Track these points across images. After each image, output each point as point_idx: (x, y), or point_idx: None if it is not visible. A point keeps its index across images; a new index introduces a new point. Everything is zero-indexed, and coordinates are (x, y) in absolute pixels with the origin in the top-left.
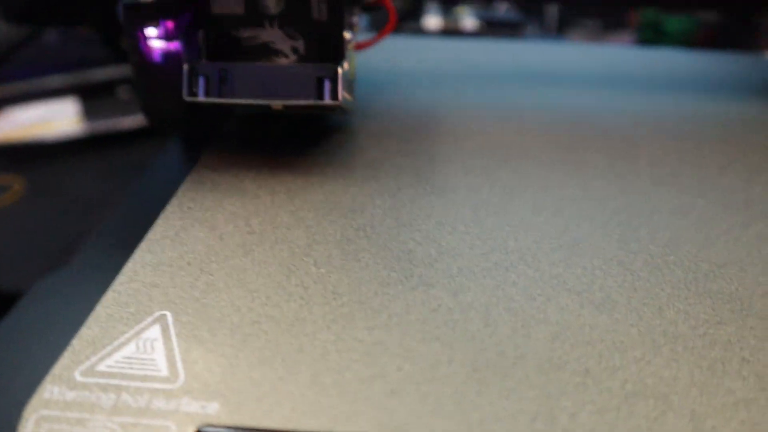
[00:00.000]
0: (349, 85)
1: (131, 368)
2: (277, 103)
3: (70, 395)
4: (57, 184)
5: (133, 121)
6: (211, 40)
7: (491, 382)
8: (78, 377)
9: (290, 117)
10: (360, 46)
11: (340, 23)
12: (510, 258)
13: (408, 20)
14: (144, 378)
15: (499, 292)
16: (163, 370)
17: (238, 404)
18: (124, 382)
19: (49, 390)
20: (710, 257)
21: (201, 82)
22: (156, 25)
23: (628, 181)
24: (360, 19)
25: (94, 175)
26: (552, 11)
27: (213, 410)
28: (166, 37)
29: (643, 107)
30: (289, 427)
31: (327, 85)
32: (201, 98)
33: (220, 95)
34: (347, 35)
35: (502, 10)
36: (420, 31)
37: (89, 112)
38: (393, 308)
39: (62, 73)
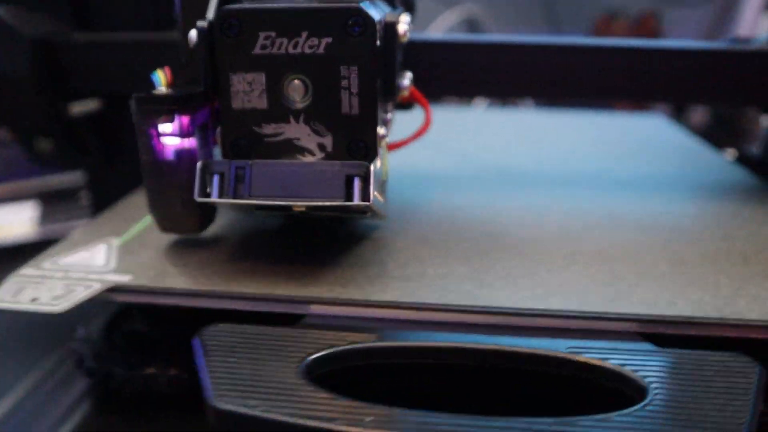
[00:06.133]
0: (381, 186)
1: (80, 262)
2: (299, 205)
3: (36, 272)
4: None
5: None
6: (231, 136)
7: None
8: (45, 265)
9: (311, 221)
10: (394, 146)
11: (373, 118)
12: None
13: None
14: (88, 266)
15: None
16: (101, 263)
17: (142, 278)
18: (73, 267)
19: (24, 270)
20: None
21: (215, 181)
22: (171, 120)
23: None
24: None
25: None
26: None
27: (126, 279)
28: (181, 133)
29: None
30: (168, 286)
31: (357, 184)
32: (215, 198)
33: (235, 196)
34: (381, 131)
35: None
36: None
37: (46, 216)
38: None
39: (26, 178)
